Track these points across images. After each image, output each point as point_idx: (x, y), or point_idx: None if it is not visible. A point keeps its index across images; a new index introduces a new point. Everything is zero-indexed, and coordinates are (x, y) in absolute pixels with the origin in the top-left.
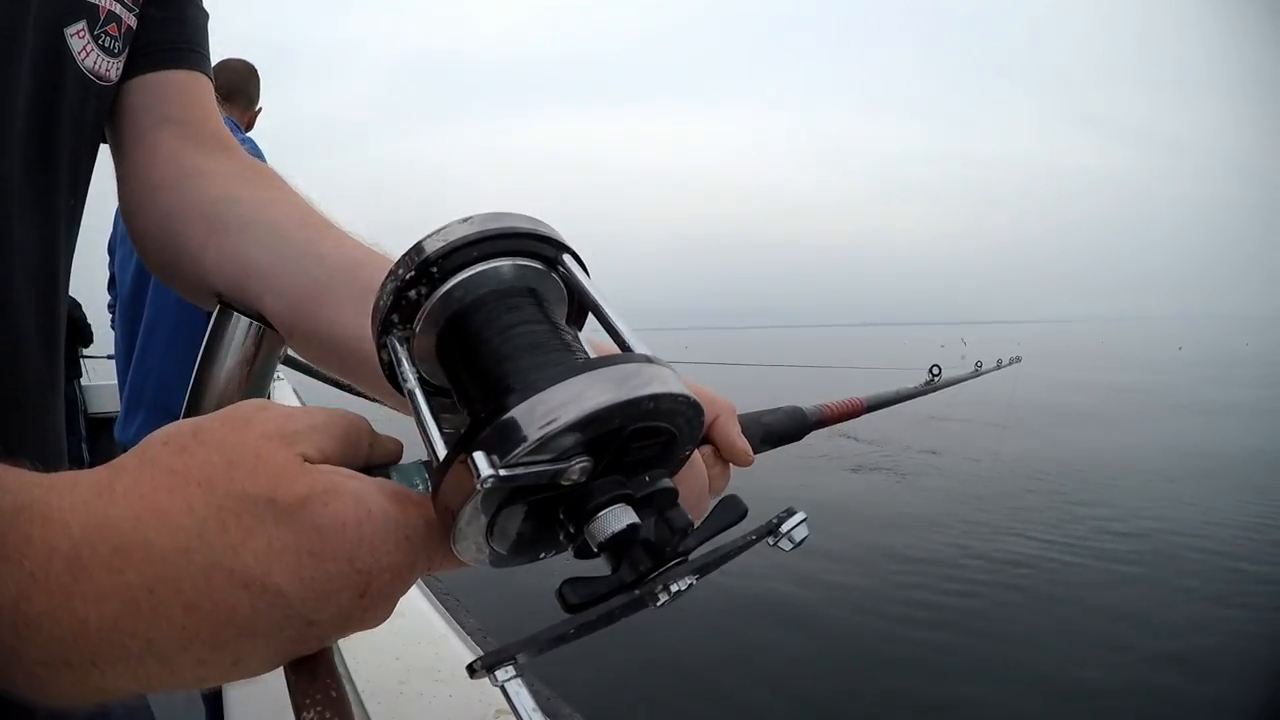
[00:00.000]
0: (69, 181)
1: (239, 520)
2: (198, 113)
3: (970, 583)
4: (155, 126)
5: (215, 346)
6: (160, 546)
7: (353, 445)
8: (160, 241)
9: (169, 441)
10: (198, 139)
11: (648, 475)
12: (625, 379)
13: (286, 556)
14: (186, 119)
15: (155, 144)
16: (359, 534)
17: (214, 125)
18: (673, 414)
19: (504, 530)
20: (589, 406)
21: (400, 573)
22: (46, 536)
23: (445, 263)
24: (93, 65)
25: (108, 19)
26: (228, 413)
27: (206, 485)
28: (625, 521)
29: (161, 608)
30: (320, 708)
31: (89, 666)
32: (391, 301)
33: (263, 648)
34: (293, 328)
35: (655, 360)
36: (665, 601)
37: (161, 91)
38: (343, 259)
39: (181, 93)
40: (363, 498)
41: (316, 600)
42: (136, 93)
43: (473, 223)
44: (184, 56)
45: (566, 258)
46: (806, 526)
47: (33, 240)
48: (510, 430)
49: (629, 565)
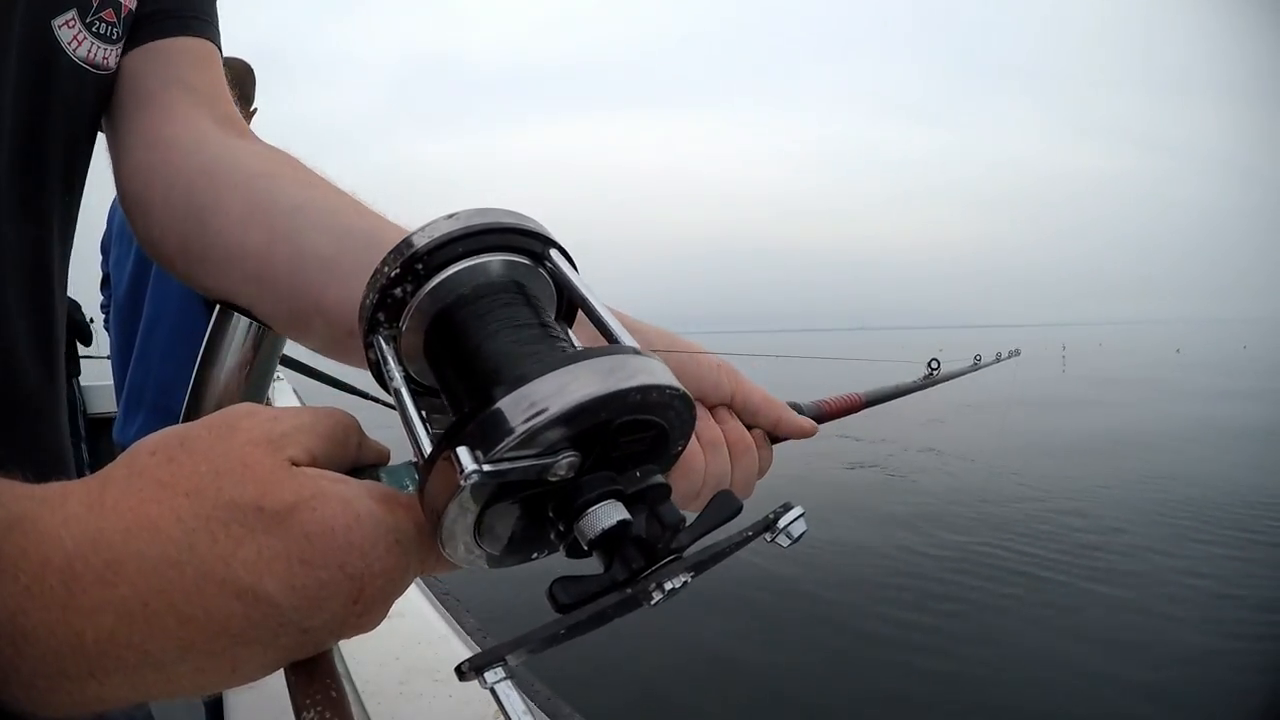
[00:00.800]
0: (63, 180)
1: (228, 530)
2: (211, 85)
3: (967, 586)
4: (166, 87)
5: (215, 347)
6: (152, 559)
7: (340, 444)
8: (177, 213)
9: (156, 451)
10: (212, 114)
11: (639, 471)
12: (611, 370)
13: (277, 565)
14: (199, 87)
15: (168, 104)
16: (348, 539)
17: (227, 105)
18: (662, 407)
19: (495, 530)
20: (574, 399)
21: (392, 576)
22: (40, 550)
23: (430, 259)
24: (86, 54)
25: (102, 4)
26: (214, 419)
27: (195, 495)
28: (616, 518)
29: (156, 620)
30: (320, 708)
31: (86, 678)
32: (377, 300)
33: (259, 654)
34: (354, 325)
35: (643, 352)
36: (659, 600)
37: (169, 56)
38: None
39: (193, 60)
40: (350, 501)
41: (309, 607)
42: (140, 59)
43: (458, 218)
44: (188, 24)
45: (554, 253)
46: (804, 521)
47: (23, 243)
48: (495, 424)
49: (621, 563)
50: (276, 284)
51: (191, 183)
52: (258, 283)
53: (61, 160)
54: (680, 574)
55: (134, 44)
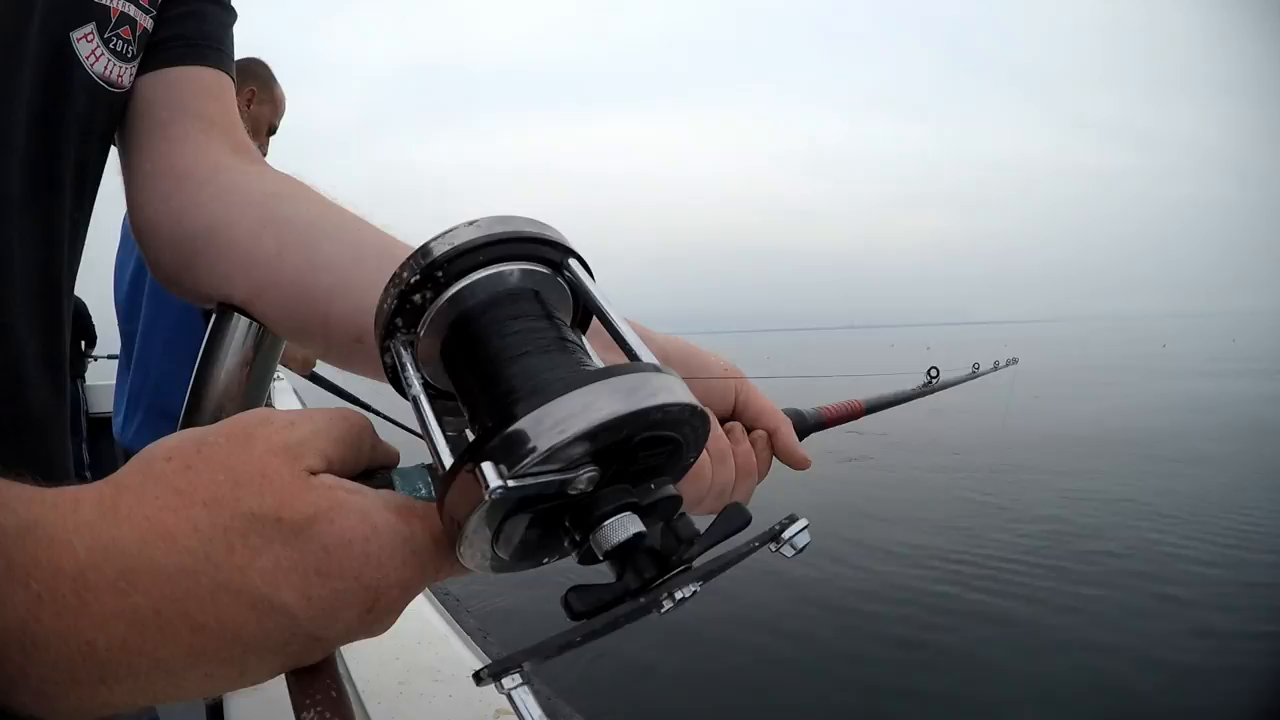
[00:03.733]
0: (74, 195)
1: (245, 540)
2: (224, 116)
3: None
4: (178, 119)
5: (215, 347)
6: (166, 568)
7: (354, 448)
8: (187, 235)
9: (173, 457)
10: (227, 143)
11: (653, 483)
12: (634, 389)
13: (294, 576)
14: (211, 118)
15: (180, 136)
16: (365, 551)
17: (241, 134)
18: (680, 423)
19: (508, 537)
20: (598, 417)
21: (407, 586)
22: (52, 558)
23: (451, 267)
24: (103, 71)
25: (119, 21)
26: (231, 427)
27: (212, 505)
28: (632, 530)
29: (169, 628)
30: (320, 708)
31: (96, 684)
32: (396, 305)
33: (269, 660)
34: (364, 332)
35: (663, 369)
36: (669, 608)
37: (182, 86)
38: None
39: (205, 91)
40: (368, 513)
41: (324, 617)
42: (152, 86)
43: (479, 226)
44: (205, 54)
45: (572, 262)
46: (808, 534)
47: (35, 262)
48: (518, 441)
49: (634, 572)
50: (284, 291)
51: (203, 206)
52: (263, 289)
53: (74, 179)
54: (690, 583)
55: (148, 68)
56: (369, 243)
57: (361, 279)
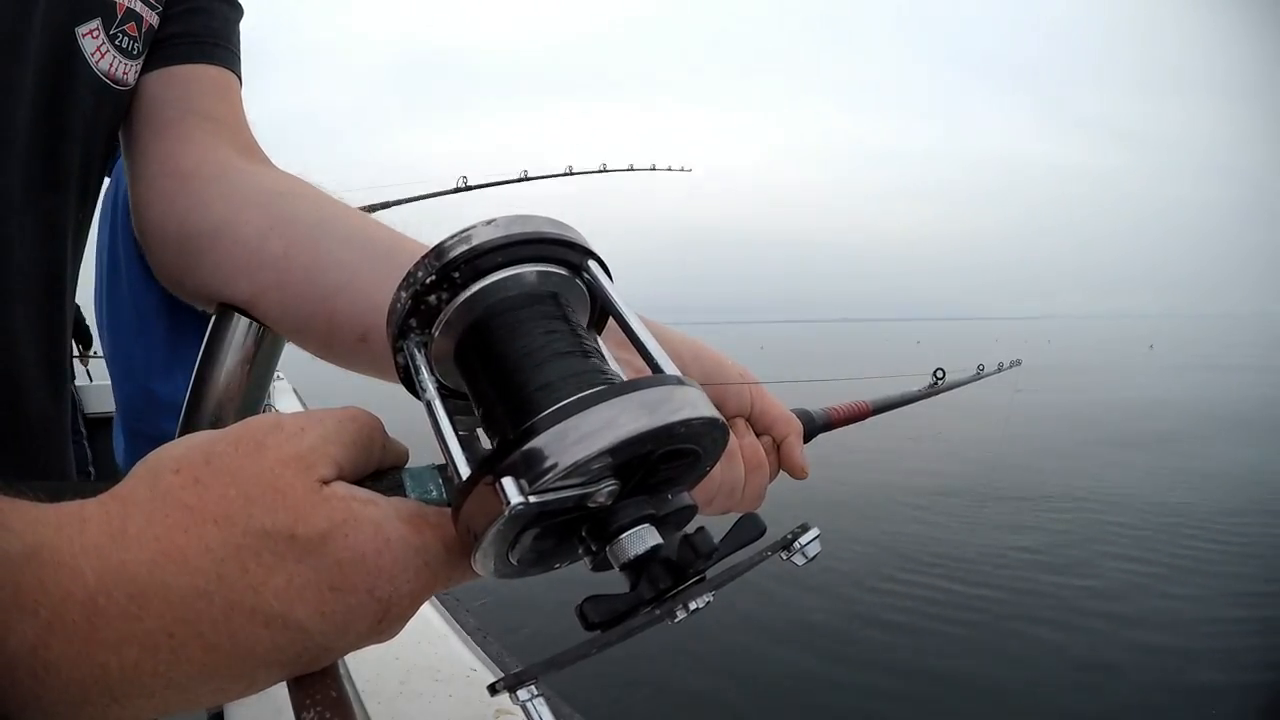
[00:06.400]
0: (78, 194)
1: (259, 559)
2: (231, 116)
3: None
4: (184, 117)
5: (215, 347)
6: (179, 590)
7: (365, 450)
8: (192, 236)
9: (180, 469)
10: (233, 143)
11: (669, 493)
12: (658, 405)
13: (308, 593)
14: (218, 118)
15: (186, 135)
16: (379, 565)
17: (247, 134)
18: (700, 436)
19: (521, 545)
20: (622, 434)
21: (418, 596)
22: (60, 583)
23: (469, 267)
24: (108, 68)
25: (126, 17)
26: (239, 435)
27: (224, 522)
28: (649, 543)
29: (181, 649)
30: (320, 708)
31: (108, 703)
32: (410, 305)
33: (278, 671)
34: (369, 330)
35: (685, 381)
36: (683, 618)
37: (189, 85)
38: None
39: (212, 90)
40: (381, 525)
41: (336, 631)
42: (157, 84)
43: (497, 225)
44: (212, 52)
45: (591, 264)
46: (819, 543)
47: (39, 265)
48: (539, 456)
49: (649, 583)
50: (290, 291)
51: (209, 206)
52: (268, 290)
53: (78, 179)
54: (704, 594)
55: (154, 65)
56: (378, 240)
57: (370, 277)
